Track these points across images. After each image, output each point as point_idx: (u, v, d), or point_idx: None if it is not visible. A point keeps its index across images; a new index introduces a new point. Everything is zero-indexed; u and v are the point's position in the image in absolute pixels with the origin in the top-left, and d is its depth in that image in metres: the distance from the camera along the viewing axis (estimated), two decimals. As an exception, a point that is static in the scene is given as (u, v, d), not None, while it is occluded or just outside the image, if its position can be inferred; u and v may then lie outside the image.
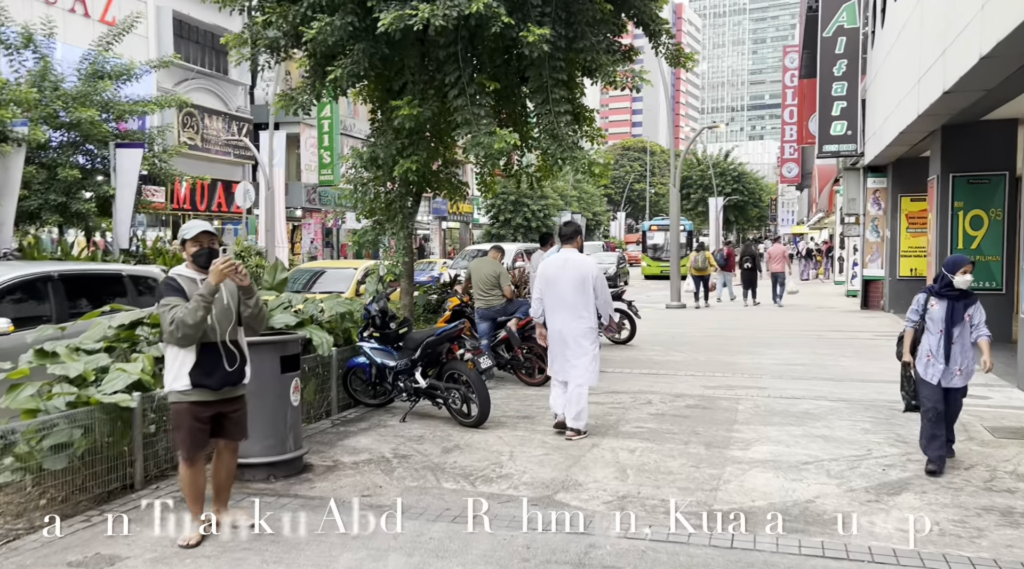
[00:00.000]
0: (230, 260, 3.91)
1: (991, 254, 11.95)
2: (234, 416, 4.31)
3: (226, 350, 4.15)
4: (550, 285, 6.42)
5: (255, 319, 4.27)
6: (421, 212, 49.87)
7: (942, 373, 5.45)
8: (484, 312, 8.67)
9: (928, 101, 10.23)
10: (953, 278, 5.55)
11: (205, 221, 4.45)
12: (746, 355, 10.90)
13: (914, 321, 5.72)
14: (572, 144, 8.41)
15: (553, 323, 6.42)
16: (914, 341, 5.70)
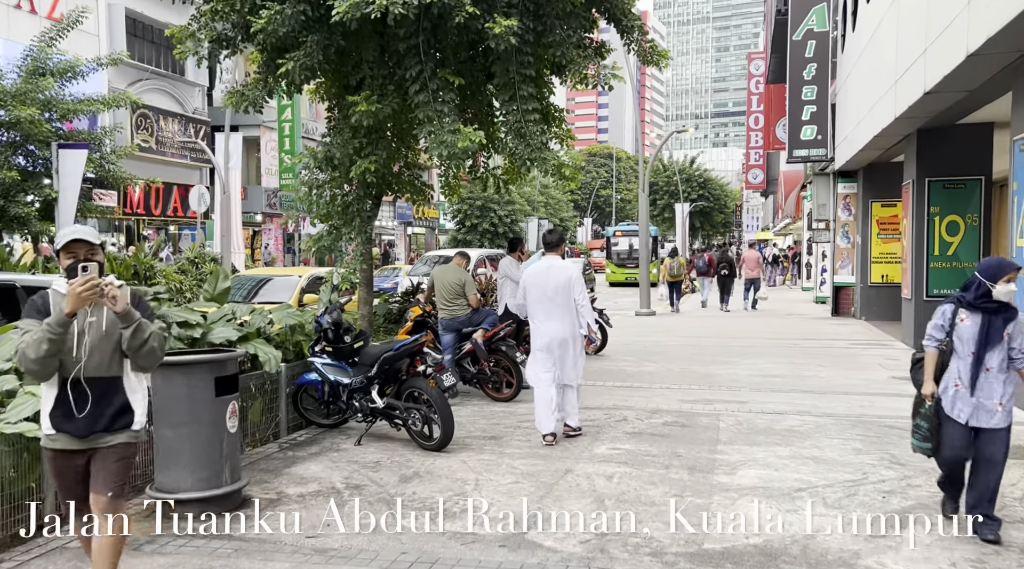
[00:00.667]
0: (91, 280, 3.03)
1: (967, 261, 11.71)
2: (101, 464, 3.27)
3: (85, 389, 3.20)
4: (535, 292, 6.50)
5: (138, 353, 3.20)
6: (385, 217, 49.27)
7: (973, 409, 4.27)
8: (448, 323, 8.10)
9: (906, 103, 9.93)
10: (994, 287, 4.25)
11: (85, 226, 3.64)
12: (721, 365, 10.48)
13: (938, 340, 4.52)
14: (540, 144, 7.91)
15: (543, 330, 6.48)
16: (938, 366, 4.49)
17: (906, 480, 5.23)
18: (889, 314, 16.68)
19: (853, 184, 17.93)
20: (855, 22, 14.93)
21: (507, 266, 8.88)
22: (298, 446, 6.32)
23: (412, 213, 49.12)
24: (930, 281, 11.86)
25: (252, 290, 10.81)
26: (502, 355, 8.00)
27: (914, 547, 4.09)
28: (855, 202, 17.92)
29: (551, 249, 6.72)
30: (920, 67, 9.18)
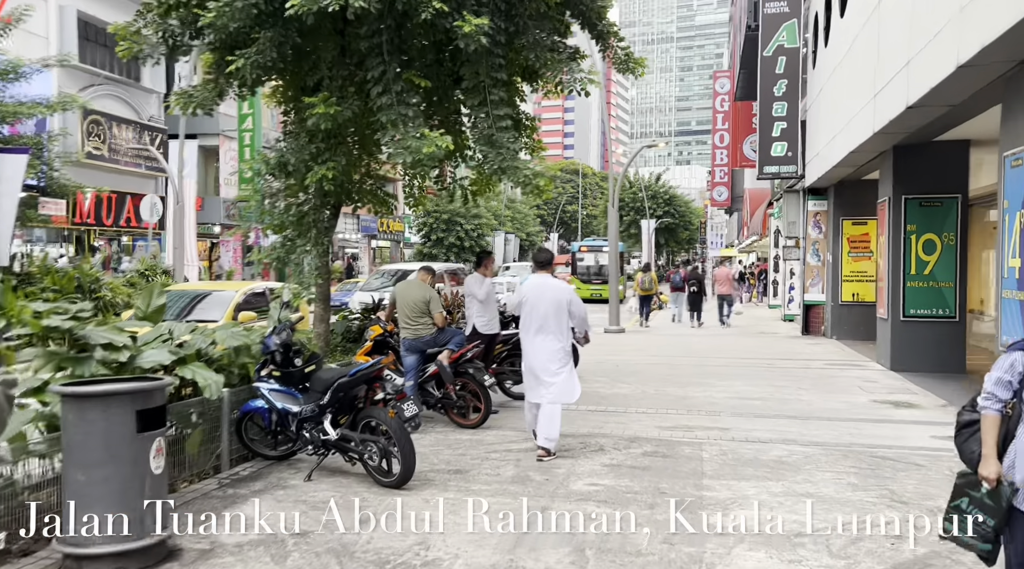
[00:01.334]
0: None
1: (944, 280, 11.47)
2: None
3: None
4: (526, 308, 6.61)
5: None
6: (349, 229, 48.39)
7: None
8: (411, 343, 7.50)
9: (886, 117, 9.64)
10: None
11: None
12: (697, 387, 10.03)
13: (1002, 401, 3.25)
14: (512, 153, 7.39)
15: (534, 347, 6.57)
16: (1003, 435, 3.24)
17: (913, 521, 4.77)
18: (861, 333, 16.47)
19: (824, 201, 17.76)
20: (828, 38, 14.76)
21: (471, 283, 8.33)
22: (241, 482, 5.67)
23: (377, 226, 48.37)
24: (907, 301, 11.58)
25: (186, 307, 9.83)
26: (469, 378, 7.43)
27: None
28: (825, 220, 17.74)
29: (542, 268, 6.85)
30: (902, 81, 8.89)
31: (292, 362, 5.90)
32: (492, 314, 8.28)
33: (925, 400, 9.10)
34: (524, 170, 7.31)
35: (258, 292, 10.42)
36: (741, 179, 49.01)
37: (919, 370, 11.31)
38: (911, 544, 4.41)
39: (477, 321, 8.21)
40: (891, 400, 9.08)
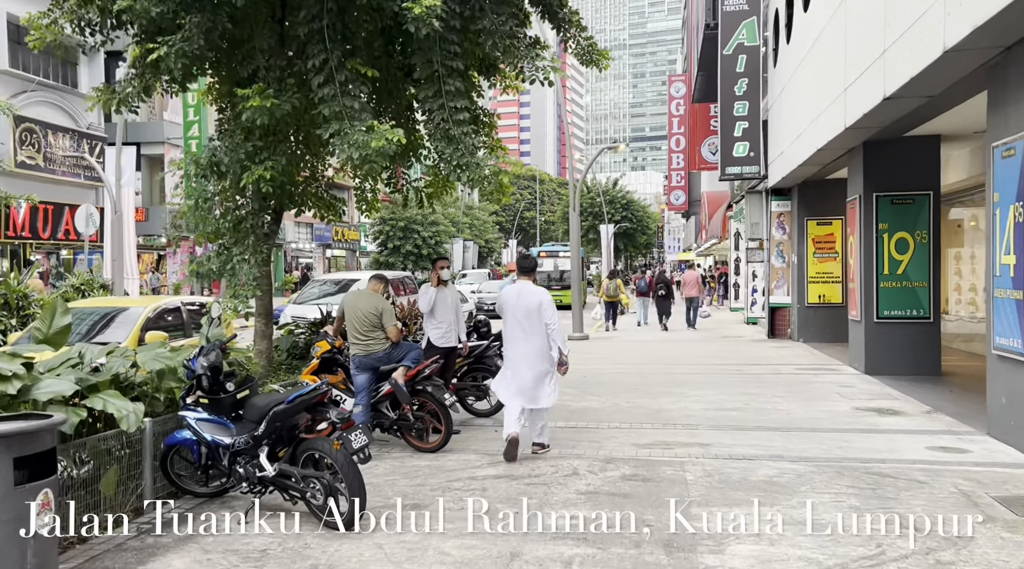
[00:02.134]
0: None
1: (917, 280, 11.13)
2: None
3: None
4: (508, 314, 6.69)
5: None
6: (303, 239, 47.16)
7: None
8: (362, 360, 6.78)
9: (860, 111, 9.23)
10: None
11: None
12: (670, 397, 9.48)
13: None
14: (471, 149, 6.75)
15: (516, 352, 6.66)
16: None
17: (932, 554, 4.24)
18: (828, 335, 16.18)
19: (787, 202, 17.48)
20: (789, 34, 14.44)
21: (427, 292, 7.64)
22: (164, 527, 4.89)
23: (331, 235, 47.27)
24: (880, 302, 11.23)
25: (91, 327, 8.43)
26: (427, 397, 6.75)
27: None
28: (789, 220, 17.46)
29: (524, 274, 6.91)
30: (877, 71, 8.48)
31: (223, 387, 5.15)
32: (449, 325, 7.62)
33: (908, 406, 8.68)
34: (484, 167, 6.67)
35: (172, 308, 9.23)
36: (698, 182, 49.12)
37: (894, 373, 10.95)
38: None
39: (432, 333, 7.54)
40: (873, 407, 8.64)
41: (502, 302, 6.79)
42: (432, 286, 7.62)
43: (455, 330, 7.65)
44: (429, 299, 7.50)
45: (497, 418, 8.28)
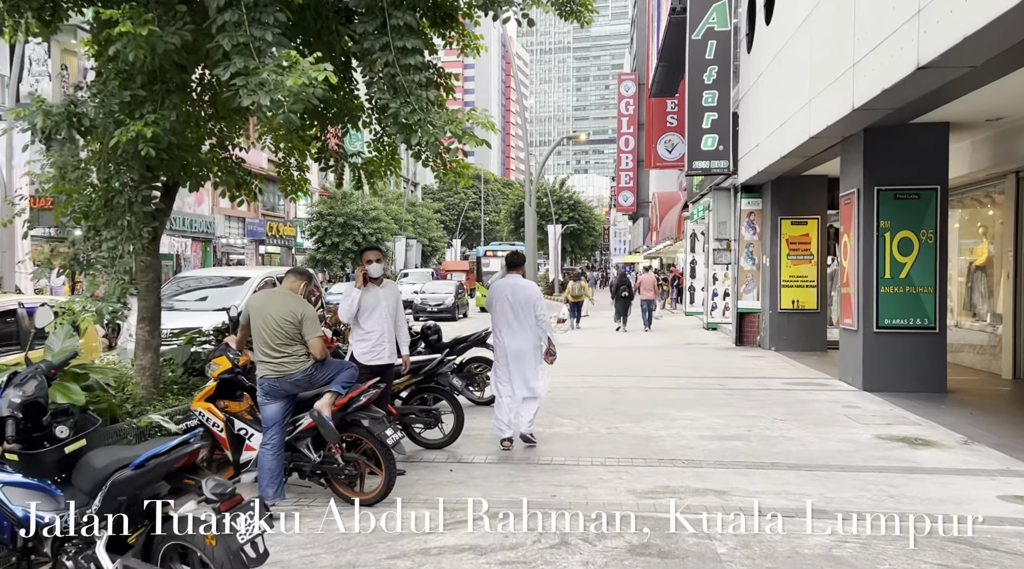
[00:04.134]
0: None
1: (922, 285, 9.92)
2: None
3: None
4: (499, 308, 6.81)
5: None
6: (234, 233, 44.56)
7: None
8: (273, 385, 5.02)
9: (880, 86, 7.88)
10: None
11: None
12: (656, 421, 7.99)
13: None
14: (424, 102, 5.10)
15: (507, 344, 6.79)
16: None
17: None
18: (801, 344, 15.02)
19: (758, 200, 16.26)
20: (769, 15, 13.17)
21: (350, 292, 5.91)
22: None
23: (265, 230, 44.72)
24: (880, 309, 9.97)
25: None
26: (362, 433, 5.06)
27: None
28: (760, 219, 16.26)
29: (513, 269, 7.06)
30: (908, 35, 7.13)
31: (49, 434, 3.38)
32: (380, 337, 5.96)
33: (937, 434, 7.36)
34: (441, 130, 5.01)
35: (3, 312, 7.08)
36: (647, 184, 48.23)
37: (897, 390, 9.70)
38: None
39: (356, 348, 5.87)
40: (898, 436, 7.29)
41: (493, 296, 6.95)
42: (357, 286, 5.91)
43: (388, 342, 5.96)
44: (352, 303, 5.80)
45: (453, 451, 6.64)
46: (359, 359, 5.79)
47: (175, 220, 36.04)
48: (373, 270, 5.88)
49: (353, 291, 5.81)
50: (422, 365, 6.67)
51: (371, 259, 5.91)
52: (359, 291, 5.82)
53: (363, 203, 41.80)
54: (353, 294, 5.80)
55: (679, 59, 21.38)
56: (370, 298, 5.86)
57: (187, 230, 37.32)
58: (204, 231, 39.10)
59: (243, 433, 5.21)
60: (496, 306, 6.84)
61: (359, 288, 5.83)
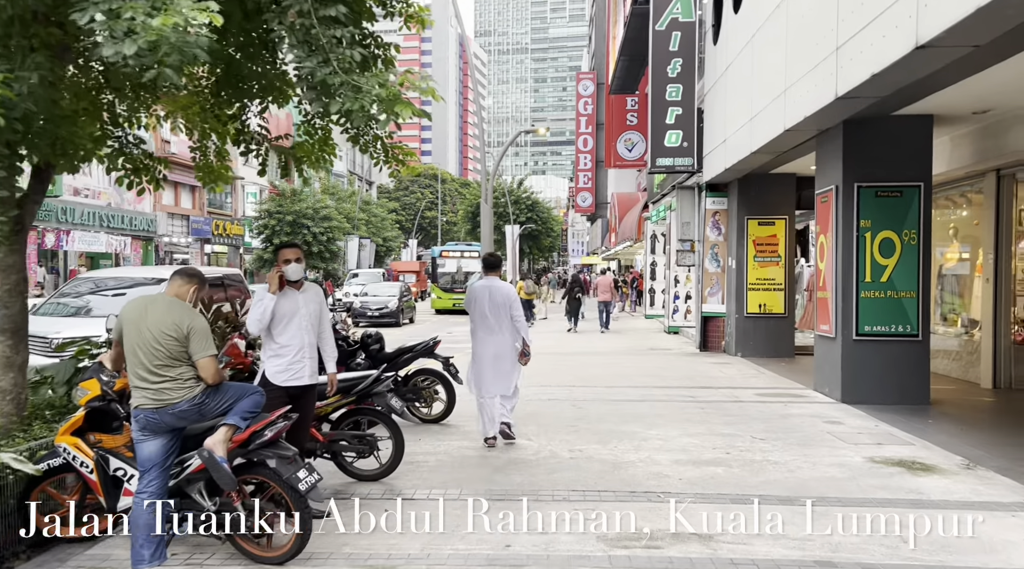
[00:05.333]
0: None
1: (904, 289, 9.24)
2: None
3: None
4: (477, 309, 7.12)
5: None
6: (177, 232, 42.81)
7: None
8: (151, 418, 3.92)
9: (869, 70, 7.14)
10: None
11: None
12: (624, 441, 7.12)
13: None
14: (348, 62, 4.11)
15: (485, 345, 7.14)
16: None
17: None
18: (768, 350, 14.36)
19: (724, 199, 15.58)
20: (738, 2, 12.46)
21: (263, 294, 4.87)
22: None
23: (211, 229, 42.98)
24: (860, 315, 9.27)
25: None
26: (268, 475, 4.05)
27: None
28: (726, 219, 15.57)
29: (490, 270, 7.31)
30: (906, 10, 6.38)
31: None
32: (299, 352, 4.92)
33: (934, 456, 6.62)
34: (367, 95, 4.02)
35: None
36: (605, 184, 47.70)
37: (877, 402, 9.02)
38: None
39: (269, 365, 4.85)
40: (892, 458, 6.53)
41: (471, 298, 7.20)
42: (271, 291, 4.87)
43: (310, 358, 4.96)
44: (263, 312, 4.77)
45: (392, 484, 5.67)
46: (272, 379, 4.78)
47: (112, 217, 34.21)
48: (291, 272, 4.86)
49: (266, 296, 4.79)
50: (354, 383, 5.67)
51: (289, 258, 4.87)
52: (273, 297, 4.79)
53: (313, 201, 40.39)
54: (265, 300, 4.77)
55: (641, 53, 20.69)
56: (287, 305, 4.84)
57: (126, 228, 35.53)
58: (145, 229, 37.30)
59: (121, 474, 4.16)
60: (475, 307, 7.13)
61: (273, 293, 4.80)
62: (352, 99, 3.92)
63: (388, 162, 6.62)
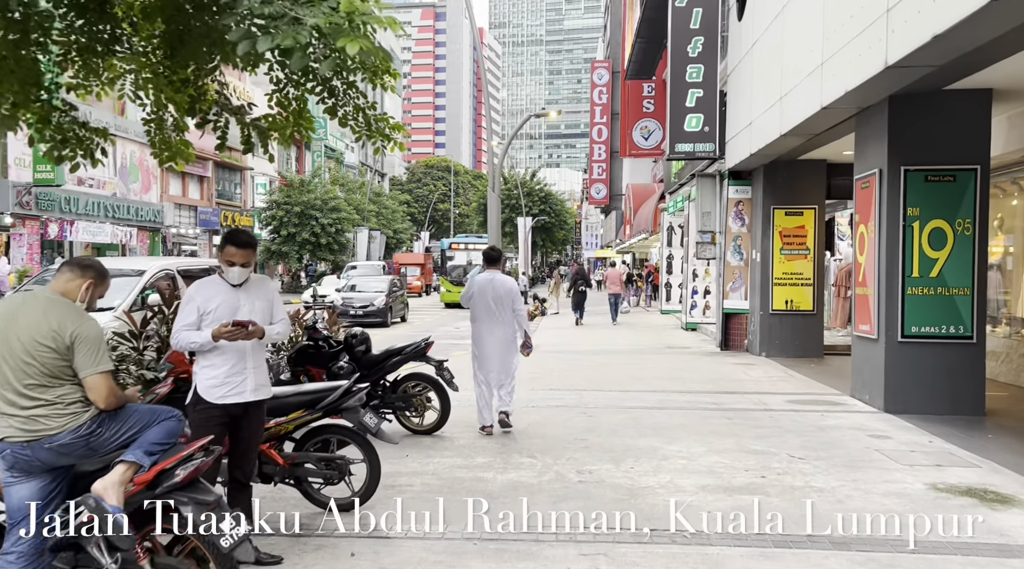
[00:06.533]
0: None
1: (957, 285, 8.23)
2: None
3: None
4: (480, 302, 7.25)
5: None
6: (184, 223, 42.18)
7: None
8: (20, 455, 3.01)
9: (928, 33, 6.14)
10: None
11: None
12: (641, 459, 6.18)
13: None
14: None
15: (489, 335, 7.25)
16: None
17: None
18: (795, 349, 13.36)
19: (747, 187, 14.54)
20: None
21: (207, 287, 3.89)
22: None
23: (219, 220, 42.31)
24: (907, 314, 8.27)
25: None
26: (205, 506, 3.13)
27: None
28: (750, 209, 14.55)
29: (491, 264, 7.47)
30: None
31: None
32: (237, 364, 3.97)
33: (1008, 483, 5.64)
34: (305, 25, 3.07)
35: None
36: (620, 175, 46.57)
37: (926, 411, 8.03)
38: None
39: (201, 378, 3.93)
40: (959, 486, 5.55)
41: (472, 291, 7.31)
42: (220, 281, 3.96)
43: (254, 369, 4.02)
44: (189, 314, 3.86)
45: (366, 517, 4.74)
46: (205, 395, 3.87)
47: (118, 208, 33.56)
48: (233, 275, 3.93)
49: (196, 295, 3.87)
50: (319, 396, 4.75)
51: (233, 260, 3.93)
52: (205, 296, 3.86)
53: (322, 192, 39.59)
54: (196, 300, 3.85)
55: (659, 34, 19.63)
56: (224, 303, 3.90)
57: (132, 219, 34.86)
58: (152, 220, 36.64)
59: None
60: (477, 300, 7.26)
61: (216, 340, 3.82)
62: (287, 34, 2.99)
63: (372, 137, 5.75)
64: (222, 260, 3.90)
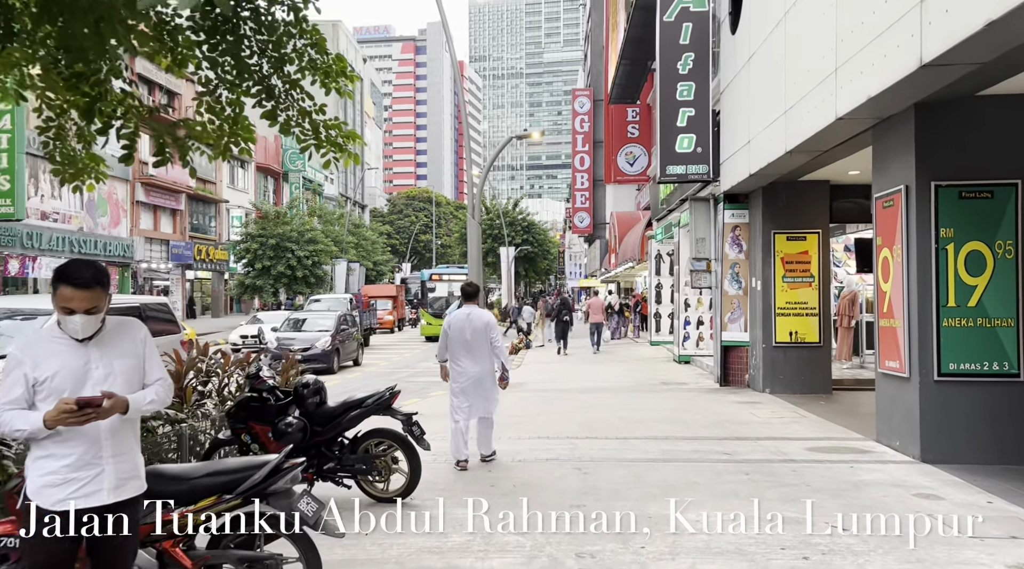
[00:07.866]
0: None
1: (1000, 316, 7.24)
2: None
3: None
4: (457, 336, 7.38)
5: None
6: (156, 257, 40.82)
7: None
8: None
9: (982, 19, 5.20)
10: None
11: None
12: (653, 537, 5.05)
13: None
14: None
15: (466, 369, 7.34)
16: None
17: None
18: (802, 385, 12.33)
19: (744, 211, 13.62)
20: (765, -20, 10.59)
21: (13, 353, 2.66)
22: None
23: (192, 253, 41.00)
24: (943, 349, 7.26)
25: None
26: None
27: None
28: (747, 235, 13.60)
29: (469, 300, 7.56)
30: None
31: None
32: (87, 452, 2.78)
33: (1106, 560, 4.58)
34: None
35: None
36: (603, 204, 45.81)
37: (970, 460, 7.00)
38: None
39: (33, 475, 2.76)
40: (1048, 566, 4.48)
41: (450, 325, 7.46)
42: (48, 424, 2.70)
43: (113, 456, 2.84)
44: (14, 385, 2.71)
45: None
46: (34, 498, 2.71)
47: (84, 242, 32.22)
48: (74, 327, 2.77)
49: (25, 359, 2.72)
50: (239, 477, 3.60)
51: (72, 307, 2.73)
52: (33, 361, 2.70)
53: (299, 224, 38.45)
54: (25, 366, 2.69)
55: (644, 56, 18.89)
56: (67, 366, 2.75)
57: (99, 253, 33.49)
58: (121, 255, 35.29)
59: None
60: (454, 335, 7.39)
61: (51, 426, 2.65)
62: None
63: (322, 147, 4.71)
64: (57, 306, 2.76)
